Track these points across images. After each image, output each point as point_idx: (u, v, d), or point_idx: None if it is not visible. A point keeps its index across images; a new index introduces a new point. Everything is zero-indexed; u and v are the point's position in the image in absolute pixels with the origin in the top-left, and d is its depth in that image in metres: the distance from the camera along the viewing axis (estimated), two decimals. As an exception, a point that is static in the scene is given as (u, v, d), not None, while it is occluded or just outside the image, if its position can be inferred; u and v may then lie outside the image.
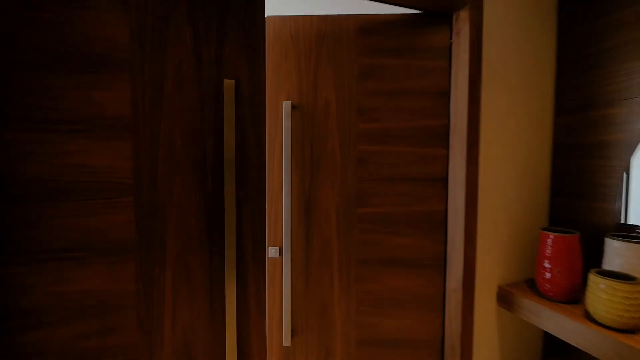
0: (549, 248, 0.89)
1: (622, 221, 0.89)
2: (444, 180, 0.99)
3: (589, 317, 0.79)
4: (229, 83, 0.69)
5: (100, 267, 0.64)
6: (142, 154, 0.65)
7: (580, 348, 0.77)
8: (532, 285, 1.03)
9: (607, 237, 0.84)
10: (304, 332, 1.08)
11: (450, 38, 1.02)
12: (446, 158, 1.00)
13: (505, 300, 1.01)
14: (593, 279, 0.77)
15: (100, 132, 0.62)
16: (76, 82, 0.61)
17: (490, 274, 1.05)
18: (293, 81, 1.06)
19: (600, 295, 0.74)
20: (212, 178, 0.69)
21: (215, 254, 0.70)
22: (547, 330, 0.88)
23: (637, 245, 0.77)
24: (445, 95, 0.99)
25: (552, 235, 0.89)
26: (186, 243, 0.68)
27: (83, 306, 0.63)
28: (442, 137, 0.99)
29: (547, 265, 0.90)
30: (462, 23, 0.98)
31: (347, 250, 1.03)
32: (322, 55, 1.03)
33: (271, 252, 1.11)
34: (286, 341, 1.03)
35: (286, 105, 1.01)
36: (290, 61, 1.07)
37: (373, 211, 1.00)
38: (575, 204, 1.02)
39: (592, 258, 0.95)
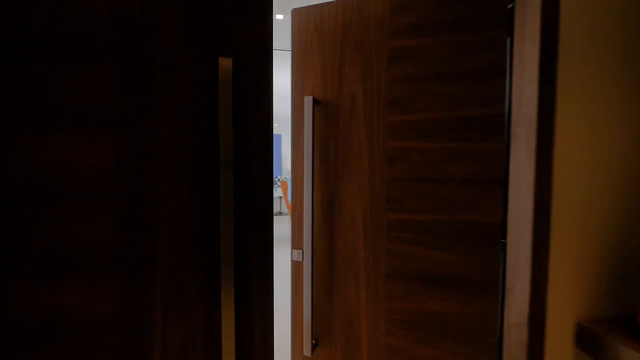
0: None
1: None
2: (499, 183, 0.61)
3: None
4: (225, 62, 0.47)
5: (77, 282, 0.46)
6: (127, 151, 0.46)
7: None
8: (630, 325, 0.58)
9: None
10: (327, 344, 0.79)
11: (511, 0, 0.63)
12: (502, 155, 0.61)
13: (589, 343, 0.59)
14: None
15: (77, 125, 0.44)
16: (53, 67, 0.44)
17: (566, 306, 0.63)
18: (317, 75, 0.78)
19: None
20: (209, 180, 0.50)
21: (211, 270, 0.44)
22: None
23: None
24: (501, 75, 0.62)
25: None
26: (178, 256, 0.49)
27: (57, 327, 0.46)
28: (496, 128, 0.61)
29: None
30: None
31: (375, 261, 0.71)
32: (348, 44, 0.73)
33: (295, 254, 0.84)
34: (307, 351, 0.76)
35: (307, 101, 0.73)
36: (314, 54, 0.79)
37: (405, 218, 0.66)
38: None
39: None
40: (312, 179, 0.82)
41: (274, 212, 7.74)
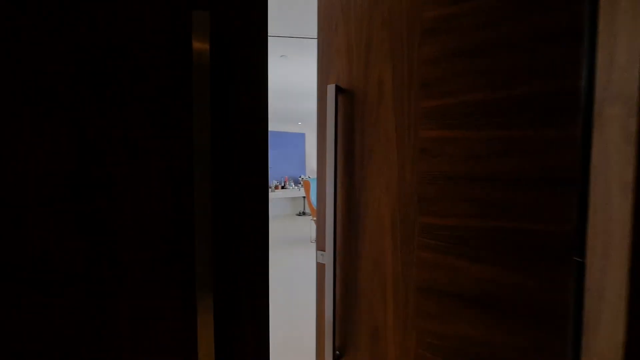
0: None
1: None
2: (571, 182, 0.45)
3: None
4: (200, 16, 0.34)
5: (27, 300, 0.38)
6: (85, 141, 0.38)
7: None
8: None
9: None
10: (353, 356, 0.73)
11: None
12: (575, 144, 0.45)
13: None
14: None
15: (28, 111, 0.37)
16: None
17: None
18: (342, 61, 0.72)
19: None
20: (185, 184, 0.41)
21: (187, 273, 0.43)
22: None
23: None
24: (572, 39, 0.45)
25: None
26: (149, 274, 0.41)
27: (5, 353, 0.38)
28: (565, 109, 0.45)
29: None
30: None
31: (405, 270, 0.62)
32: (375, 22, 0.65)
33: (319, 256, 0.81)
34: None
35: (330, 89, 0.68)
36: (340, 37, 0.73)
37: (440, 222, 0.56)
38: None
39: None
40: (335, 176, 0.76)
41: (298, 212, 7.65)
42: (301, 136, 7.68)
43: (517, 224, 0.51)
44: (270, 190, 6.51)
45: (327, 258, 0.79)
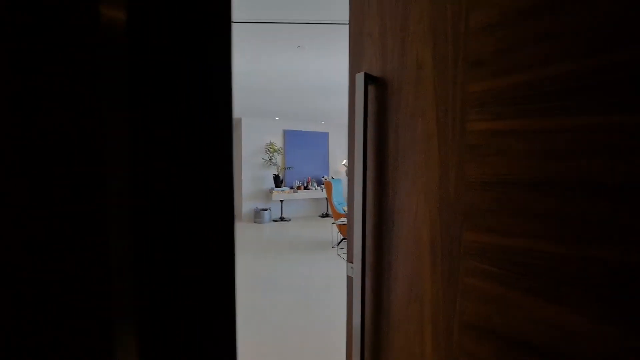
0: None
1: None
2: None
3: None
4: None
5: None
6: None
7: None
8: None
9: None
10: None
11: None
12: None
13: None
14: None
15: None
16: None
17: None
18: (375, 45, 0.64)
19: None
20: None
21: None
22: None
23: None
24: None
25: None
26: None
27: None
28: None
29: None
30: None
31: (447, 299, 0.50)
32: (414, -8, 0.55)
33: (349, 268, 0.73)
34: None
35: (359, 79, 0.60)
36: (372, 19, 0.65)
37: (495, 242, 0.43)
38: None
39: None
40: (364, 177, 0.67)
41: (321, 213, 7.46)
42: (324, 135, 7.54)
43: (609, 252, 0.34)
44: (292, 190, 6.50)
45: (355, 273, 0.70)
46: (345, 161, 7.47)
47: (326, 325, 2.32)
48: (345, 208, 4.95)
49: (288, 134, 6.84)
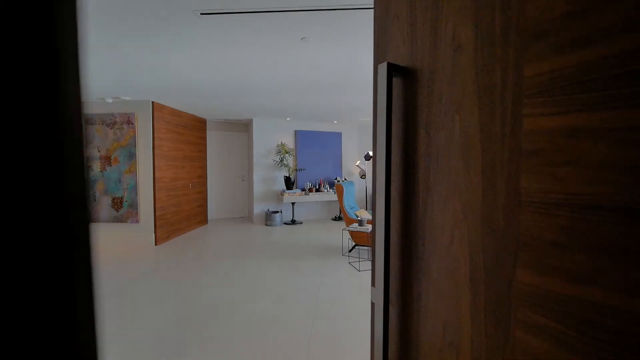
0: None
1: None
2: None
3: None
4: None
5: None
6: None
7: None
8: None
9: None
10: None
11: None
12: None
13: None
14: None
15: None
16: None
17: None
18: (403, 28, 0.54)
19: None
20: None
21: None
22: None
23: None
24: None
25: None
26: None
27: None
28: None
29: None
30: None
31: (490, 355, 0.38)
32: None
33: (372, 293, 0.65)
34: None
35: (381, 70, 0.52)
36: (400, 2, 0.56)
37: (561, 288, 0.30)
38: None
39: None
40: (387, 189, 0.57)
41: (334, 216, 7.18)
42: (337, 135, 7.25)
43: None
44: (303, 193, 6.35)
45: (377, 299, 0.60)
46: (358, 162, 7.15)
47: (331, 345, 2.08)
48: (358, 213, 4.70)
49: (299, 135, 6.77)
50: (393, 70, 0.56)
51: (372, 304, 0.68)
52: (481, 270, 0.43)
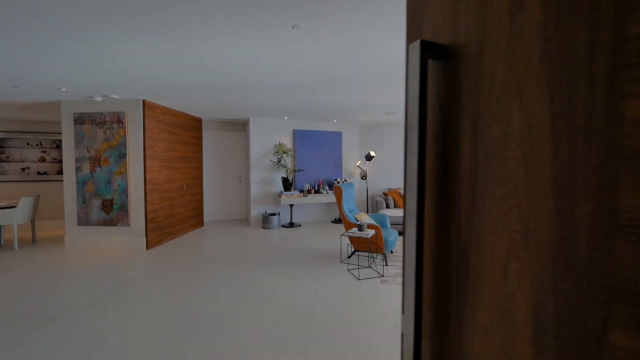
0: None
1: None
2: None
3: None
4: None
5: None
6: None
7: None
8: None
9: None
10: None
11: None
12: None
13: None
14: None
15: None
16: None
17: None
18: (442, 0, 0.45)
19: None
20: None
21: None
22: None
23: None
24: None
25: None
26: None
27: None
28: None
29: None
30: None
31: None
32: None
33: (402, 322, 0.56)
34: None
35: (413, 51, 0.43)
36: None
37: None
38: None
39: None
40: (421, 196, 0.47)
41: (334, 218, 6.67)
42: (337, 135, 6.86)
43: None
44: (302, 194, 6.07)
45: (406, 329, 0.51)
46: (359, 162, 6.74)
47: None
48: (358, 216, 4.34)
49: (298, 134, 6.55)
50: (430, 49, 0.46)
51: (402, 335, 0.58)
52: (551, 319, 0.31)
